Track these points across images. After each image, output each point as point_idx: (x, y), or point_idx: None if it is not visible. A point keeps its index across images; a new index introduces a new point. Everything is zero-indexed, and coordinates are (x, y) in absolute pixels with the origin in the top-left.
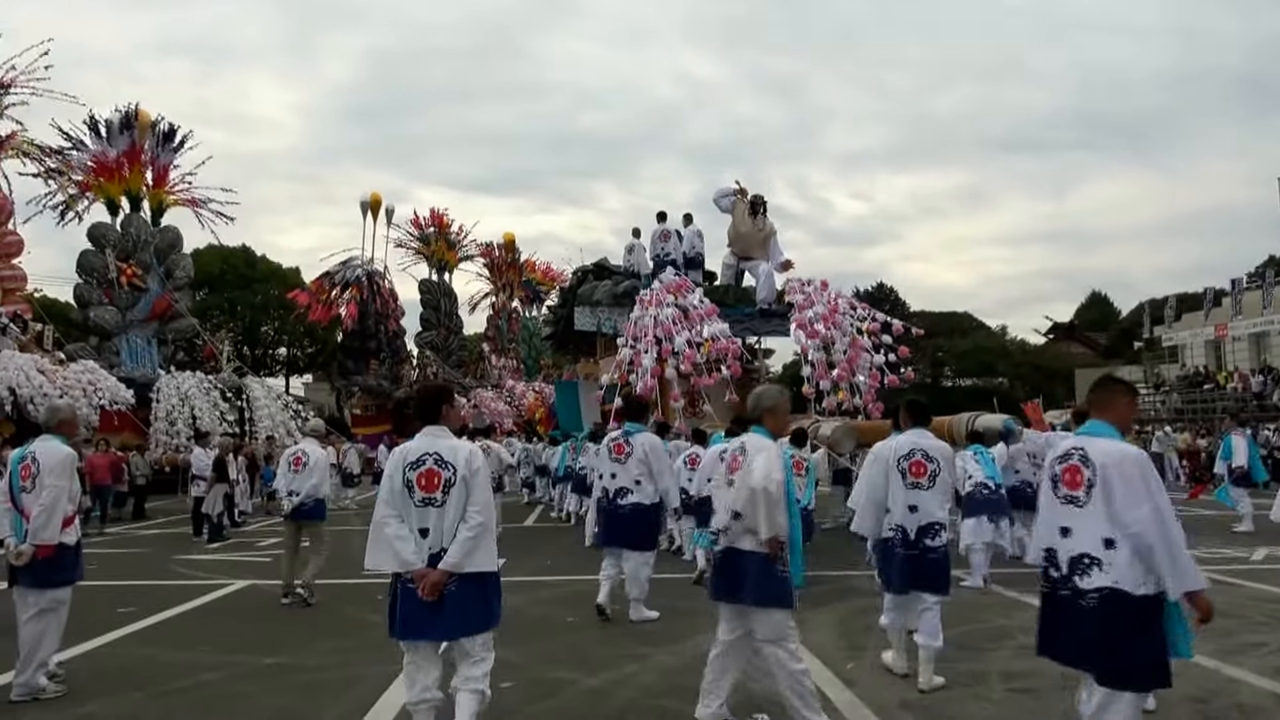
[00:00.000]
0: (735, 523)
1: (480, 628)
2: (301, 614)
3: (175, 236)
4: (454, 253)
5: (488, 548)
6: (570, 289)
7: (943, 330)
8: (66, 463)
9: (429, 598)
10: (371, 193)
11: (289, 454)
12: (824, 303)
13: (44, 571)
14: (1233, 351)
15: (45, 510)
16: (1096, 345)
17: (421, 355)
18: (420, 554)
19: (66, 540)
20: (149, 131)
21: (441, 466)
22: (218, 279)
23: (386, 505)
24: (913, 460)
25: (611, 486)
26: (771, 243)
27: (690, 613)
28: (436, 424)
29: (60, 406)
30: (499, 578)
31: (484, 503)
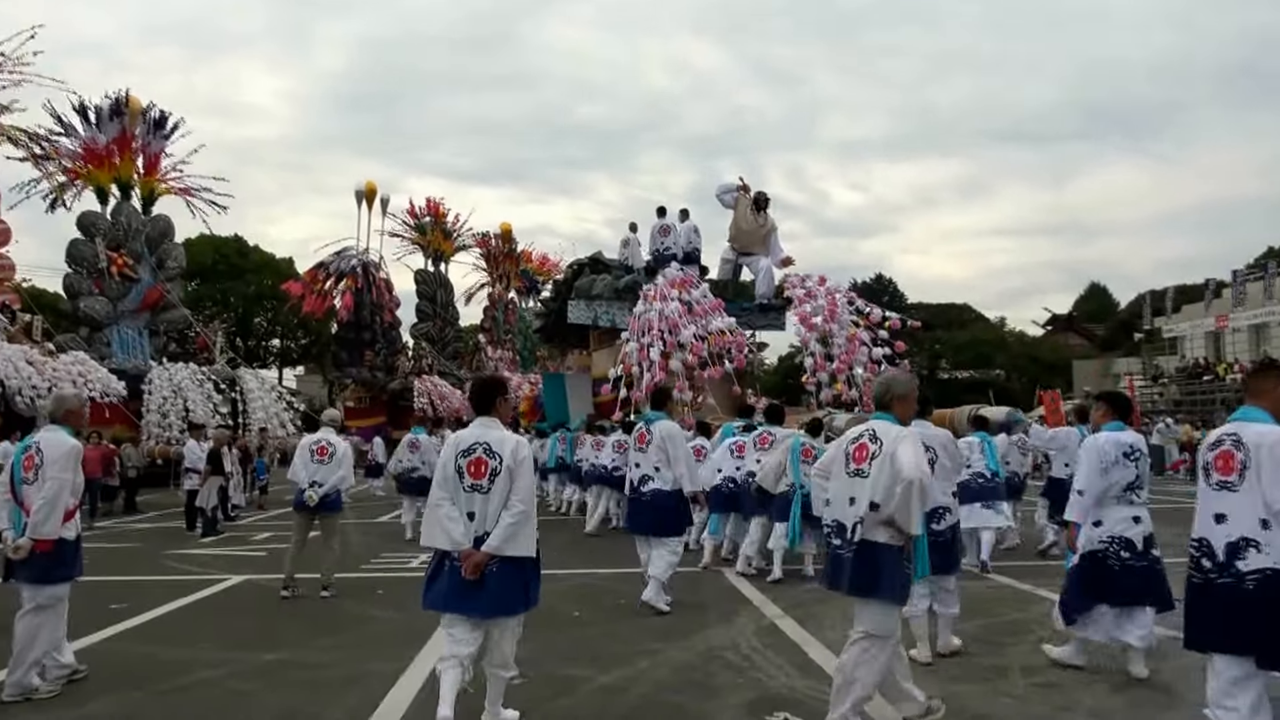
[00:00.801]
0: (871, 514)
1: (516, 609)
2: (301, 609)
3: (167, 225)
4: (450, 243)
5: (528, 534)
6: (565, 282)
7: (941, 322)
8: (72, 455)
9: (470, 576)
10: (367, 181)
11: (309, 443)
12: (823, 297)
13: (42, 567)
14: (1233, 343)
15: (47, 503)
16: (1094, 337)
17: (417, 346)
18: (468, 535)
19: (67, 535)
20: (140, 118)
21: (489, 456)
22: (209, 269)
23: (440, 488)
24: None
25: (635, 475)
26: (772, 239)
27: (698, 606)
28: (489, 415)
29: (66, 396)
30: (539, 564)
31: (526, 491)
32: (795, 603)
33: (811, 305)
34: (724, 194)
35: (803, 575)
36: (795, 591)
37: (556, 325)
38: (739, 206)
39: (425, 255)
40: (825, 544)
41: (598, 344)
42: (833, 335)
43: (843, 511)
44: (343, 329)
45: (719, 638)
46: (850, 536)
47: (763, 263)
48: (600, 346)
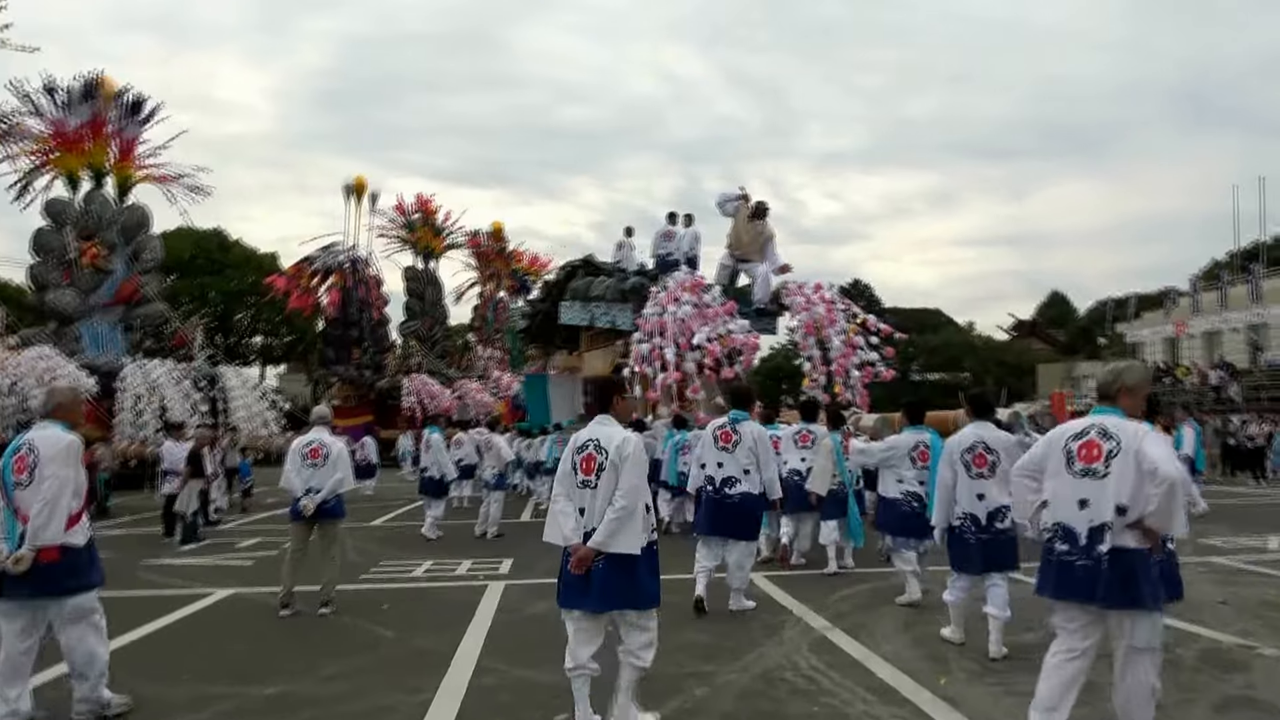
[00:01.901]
0: (1119, 519)
1: (627, 604)
2: (299, 630)
3: (143, 216)
4: (440, 240)
5: (632, 531)
6: (556, 283)
7: (913, 326)
8: (70, 450)
9: (576, 571)
10: (356, 176)
11: (301, 445)
12: (822, 305)
13: (53, 578)
14: (1189, 348)
15: (46, 505)
16: (1056, 342)
17: (406, 345)
18: (578, 531)
19: (73, 541)
20: (113, 101)
21: (598, 452)
22: (188, 264)
23: (559, 484)
24: (975, 453)
25: (718, 475)
26: (769, 246)
27: (739, 620)
28: (607, 413)
29: (58, 390)
30: (654, 557)
31: (630, 488)
32: (838, 612)
33: (811, 314)
34: (725, 202)
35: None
36: (829, 595)
37: (543, 326)
38: (739, 215)
39: (414, 253)
40: (1046, 552)
41: (590, 345)
42: (830, 339)
43: (1069, 514)
44: (330, 326)
45: (772, 656)
46: (1088, 543)
47: (760, 269)
48: (593, 348)
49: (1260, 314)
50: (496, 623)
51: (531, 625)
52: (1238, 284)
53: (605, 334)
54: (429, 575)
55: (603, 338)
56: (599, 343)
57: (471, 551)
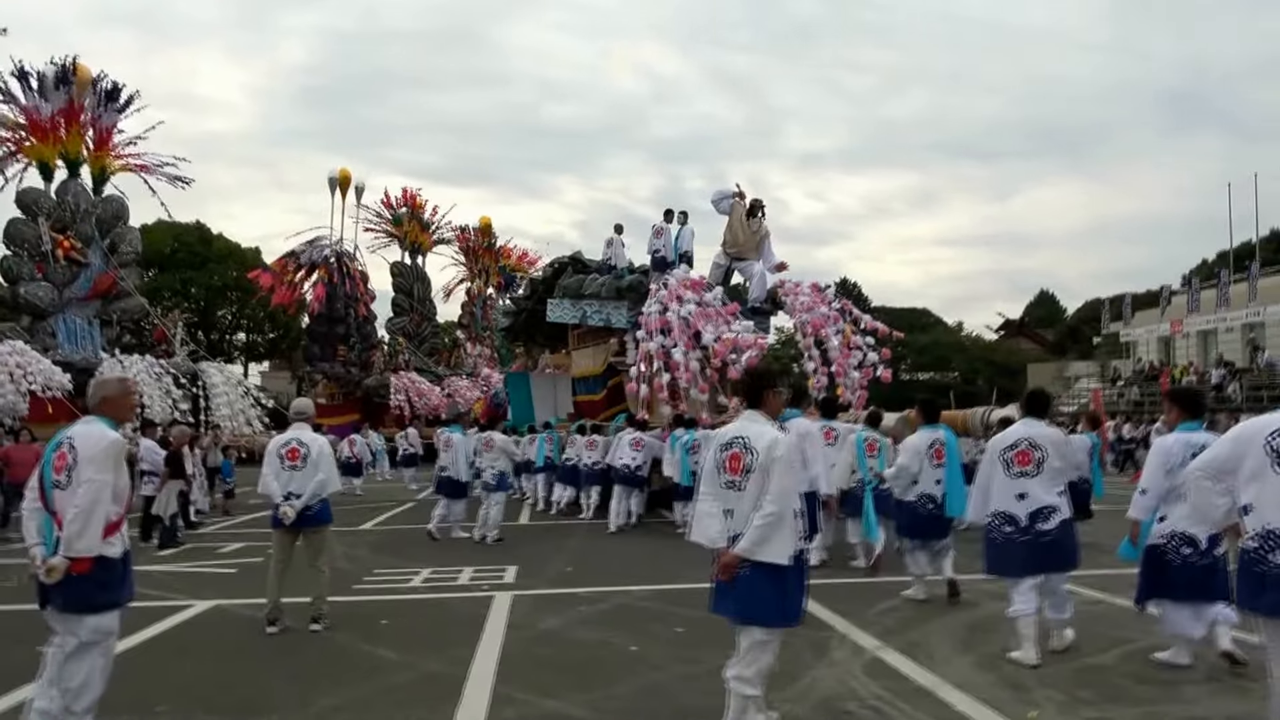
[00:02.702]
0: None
1: (764, 619)
2: (289, 650)
3: (120, 207)
4: (428, 235)
5: (781, 539)
6: (543, 281)
7: (902, 326)
8: (111, 451)
9: (721, 579)
10: (340, 169)
11: (278, 445)
12: (823, 305)
13: (80, 592)
14: (1184, 348)
15: (82, 513)
16: (1044, 341)
17: (393, 342)
18: (724, 534)
19: (109, 552)
20: (89, 89)
21: (745, 451)
22: (169, 258)
23: (705, 483)
24: (1018, 450)
25: None
26: (765, 244)
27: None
28: (757, 408)
29: (106, 381)
30: (803, 571)
31: (780, 492)
32: (884, 628)
33: (813, 314)
34: (721, 200)
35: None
36: (869, 608)
37: (527, 324)
38: (734, 212)
39: (402, 248)
40: (1252, 563)
41: (579, 343)
42: (828, 339)
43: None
44: (315, 322)
45: (826, 682)
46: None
47: (756, 267)
48: (582, 346)
49: (1259, 312)
50: (509, 641)
51: (548, 643)
52: (1236, 282)
53: (595, 332)
54: (428, 585)
55: (593, 336)
56: (588, 341)
57: (471, 557)
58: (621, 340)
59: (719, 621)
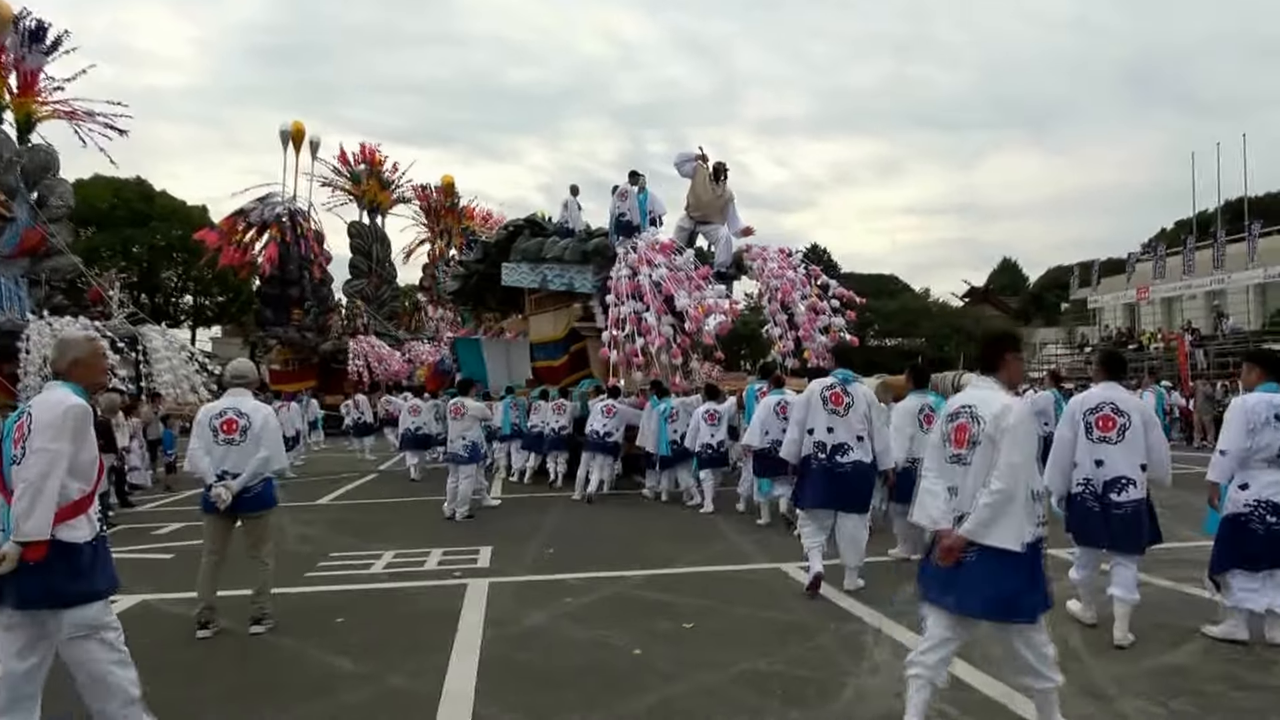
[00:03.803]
0: None
1: (1000, 613)
2: (219, 659)
3: (49, 158)
4: (387, 194)
5: (1011, 520)
6: (497, 244)
7: (869, 292)
8: (70, 418)
9: (942, 563)
10: (293, 122)
11: (211, 415)
12: (790, 269)
13: (41, 583)
14: (1150, 314)
15: (29, 488)
16: (1008, 308)
17: (351, 305)
18: (948, 514)
19: (70, 536)
20: (9, 28)
21: (973, 421)
22: (107, 215)
23: (929, 457)
24: (1100, 414)
25: (829, 441)
26: (730, 209)
27: (794, 628)
28: (995, 373)
29: (72, 341)
30: (1039, 558)
31: (1009, 467)
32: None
33: (781, 279)
34: (683, 163)
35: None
36: (891, 592)
37: (478, 287)
38: (698, 176)
39: (360, 207)
40: None
41: (537, 308)
42: (794, 304)
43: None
44: (267, 284)
45: (877, 693)
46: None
47: (722, 232)
48: (540, 310)
49: (1223, 280)
50: (488, 643)
51: (534, 646)
52: (1200, 249)
53: (555, 296)
54: (392, 571)
55: (552, 300)
56: (548, 305)
57: (440, 538)
58: (586, 305)
59: (731, 614)
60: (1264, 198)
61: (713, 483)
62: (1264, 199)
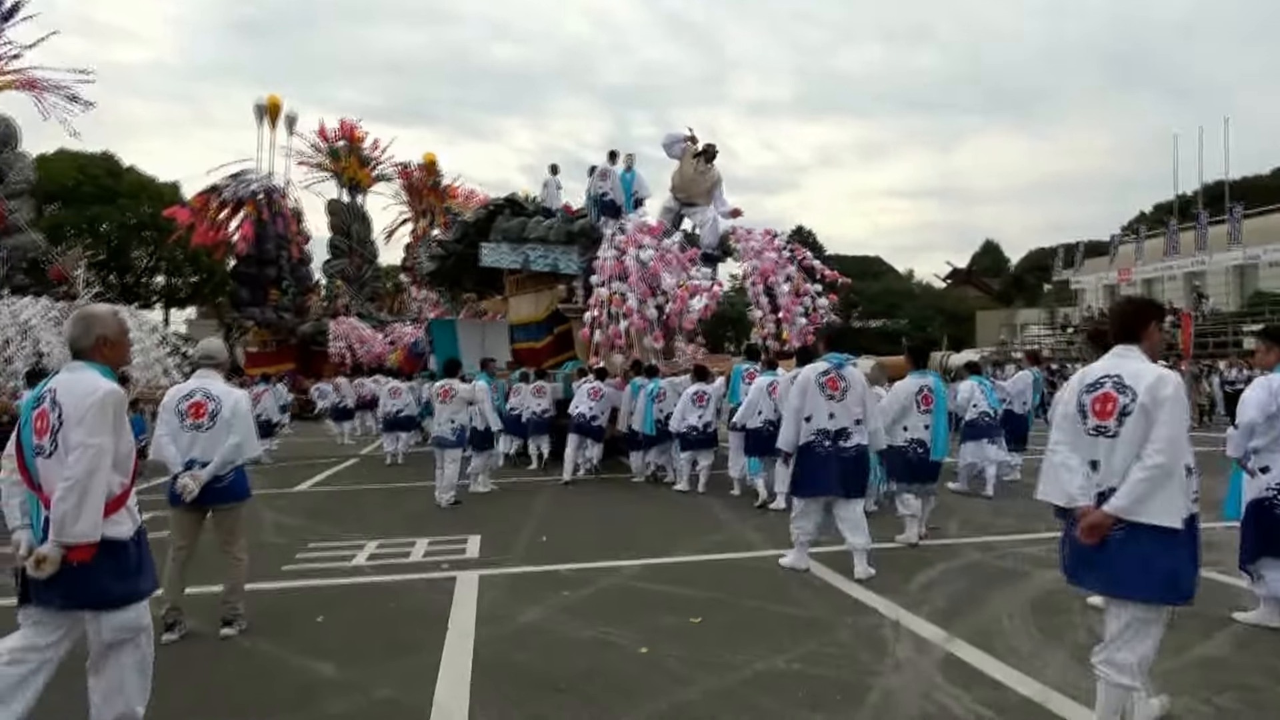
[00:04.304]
0: None
1: (1145, 592)
2: (186, 664)
3: (8, 130)
4: (367, 171)
5: (1168, 497)
6: (476, 224)
7: (854, 273)
8: (108, 406)
9: (1086, 541)
10: (269, 96)
11: (177, 398)
12: (772, 251)
13: (89, 585)
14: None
15: (75, 486)
16: (991, 290)
17: (331, 285)
18: (1088, 490)
19: (116, 533)
20: None
21: (1120, 391)
22: (72, 191)
23: (1059, 430)
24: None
25: (831, 427)
26: (717, 191)
27: (808, 624)
28: (1133, 342)
29: (96, 315)
30: (1196, 537)
31: (1168, 440)
32: (936, 608)
33: (761, 260)
34: (671, 145)
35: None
36: (905, 581)
37: (455, 268)
38: (685, 156)
39: (339, 185)
40: None
41: (517, 289)
42: (777, 285)
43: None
44: (242, 263)
45: (906, 696)
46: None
47: (708, 214)
48: (521, 291)
49: (1203, 261)
50: (482, 644)
51: (532, 646)
52: (1183, 231)
53: (536, 277)
54: (375, 564)
55: (533, 281)
56: (529, 286)
57: (425, 526)
58: (570, 286)
59: (740, 608)
60: (1240, 181)
61: (704, 465)
62: (1241, 183)
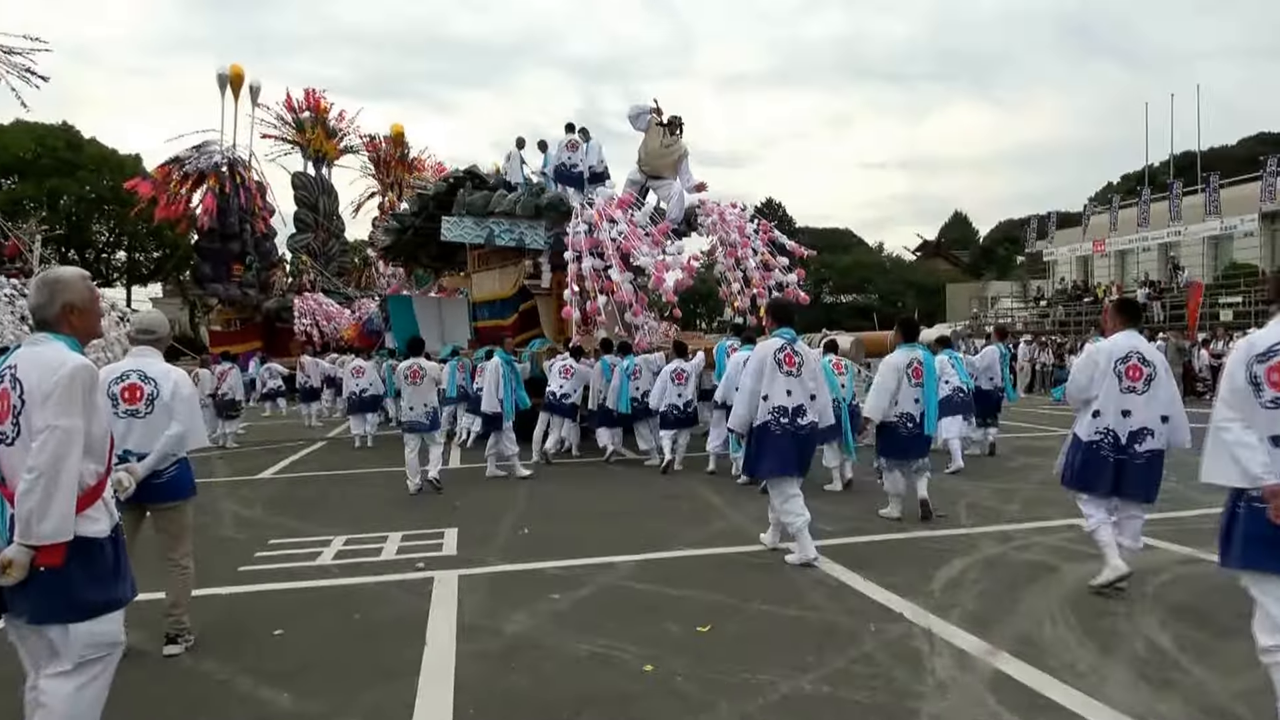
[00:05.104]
0: None
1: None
2: (122, 690)
3: None
4: (334, 143)
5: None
6: (435, 197)
7: (823, 247)
8: (78, 382)
9: (1277, 521)
10: (231, 65)
11: (108, 380)
12: (737, 225)
13: (60, 592)
14: (1105, 267)
15: (41, 476)
16: (960, 262)
17: (297, 260)
18: (1272, 468)
19: (91, 530)
20: None
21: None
22: (30, 164)
23: (1226, 406)
24: (1129, 364)
25: (789, 404)
26: (683, 164)
27: (826, 630)
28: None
29: (68, 281)
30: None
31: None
32: (968, 613)
33: (728, 235)
34: (637, 116)
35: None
36: (927, 581)
37: (412, 242)
38: (651, 129)
39: (305, 157)
40: None
41: (480, 265)
42: (746, 260)
43: None
44: (205, 238)
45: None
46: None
47: (675, 187)
48: (484, 267)
49: (1179, 232)
50: (463, 662)
51: (520, 662)
52: (1155, 202)
53: (501, 253)
54: (344, 564)
55: (498, 257)
56: (493, 262)
57: (397, 518)
58: (536, 261)
59: (749, 613)
60: (1208, 152)
61: (682, 442)
62: (1208, 153)
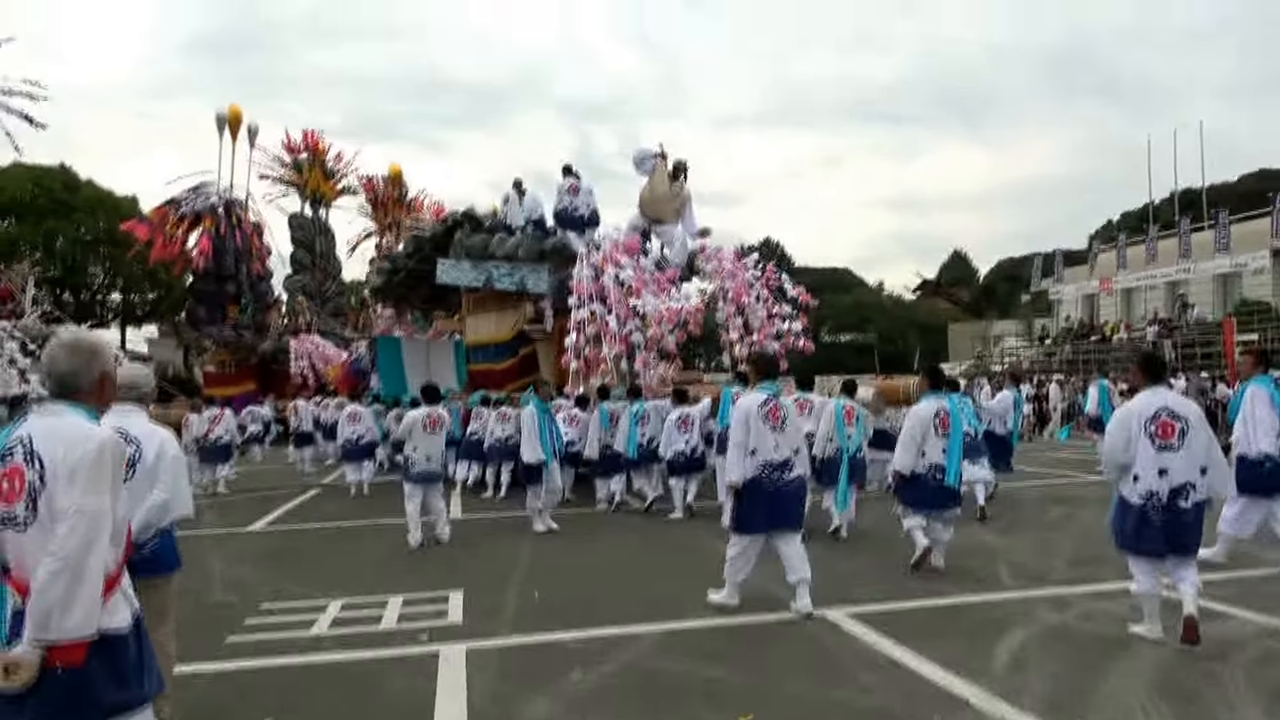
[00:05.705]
0: None
1: None
2: None
3: None
4: (331, 184)
5: None
6: (432, 239)
7: (823, 286)
8: (104, 461)
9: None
10: (230, 105)
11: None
12: (741, 273)
13: (79, 693)
14: (1111, 305)
15: (66, 566)
16: (960, 301)
17: (293, 302)
18: None
19: (110, 624)
20: None
21: None
22: (27, 206)
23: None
24: (1159, 421)
25: (776, 458)
26: (686, 208)
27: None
28: None
29: (101, 348)
30: None
31: None
32: (1049, 701)
33: (732, 281)
34: (642, 160)
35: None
36: (980, 656)
37: (404, 284)
38: (655, 173)
39: (302, 198)
40: None
41: (477, 308)
42: (749, 307)
43: None
44: (200, 279)
45: None
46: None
47: (677, 232)
48: (481, 310)
49: (1188, 269)
50: None
51: None
52: (1163, 239)
53: (498, 296)
54: (340, 634)
55: (496, 300)
56: (490, 305)
57: (398, 579)
58: (537, 306)
59: (788, 695)
60: (1210, 189)
61: (692, 488)
62: (1210, 190)
